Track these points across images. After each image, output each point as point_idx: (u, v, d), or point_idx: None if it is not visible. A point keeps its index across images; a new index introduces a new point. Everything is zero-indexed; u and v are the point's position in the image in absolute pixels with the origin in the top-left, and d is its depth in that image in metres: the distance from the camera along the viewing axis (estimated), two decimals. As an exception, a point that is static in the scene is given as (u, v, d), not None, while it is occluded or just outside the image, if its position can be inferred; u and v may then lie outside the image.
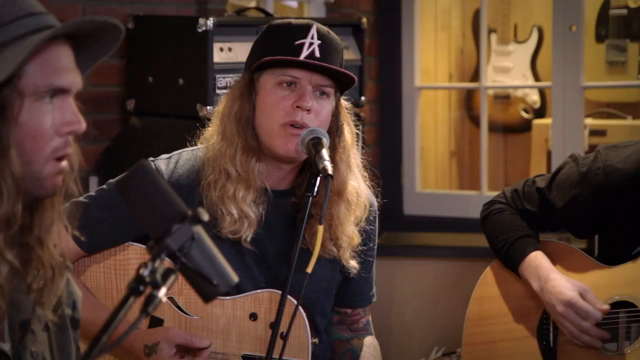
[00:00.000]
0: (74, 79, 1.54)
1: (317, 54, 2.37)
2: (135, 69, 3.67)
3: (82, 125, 1.54)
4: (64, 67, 1.52)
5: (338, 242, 2.43)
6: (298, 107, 2.34)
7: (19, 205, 1.49)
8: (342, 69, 2.38)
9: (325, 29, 2.42)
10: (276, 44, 2.39)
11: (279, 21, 2.46)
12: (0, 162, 1.46)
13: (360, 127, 2.57)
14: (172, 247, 1.41)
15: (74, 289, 1.73)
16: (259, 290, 2.41)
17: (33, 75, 1.49)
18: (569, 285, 2.69)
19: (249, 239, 2.39)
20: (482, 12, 4.87)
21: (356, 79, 2.41)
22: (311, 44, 2.37)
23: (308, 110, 2.34)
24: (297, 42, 2.37)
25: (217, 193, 2.36)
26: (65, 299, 1.69)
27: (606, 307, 2.68)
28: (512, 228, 2.82)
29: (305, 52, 2.36)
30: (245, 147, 2.37)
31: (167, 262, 1.42)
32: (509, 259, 2.80)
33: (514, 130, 5.99)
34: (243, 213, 2.36)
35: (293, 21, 2.43)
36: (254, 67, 2.39)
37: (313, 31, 2.39)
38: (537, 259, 2.75)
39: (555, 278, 2.71)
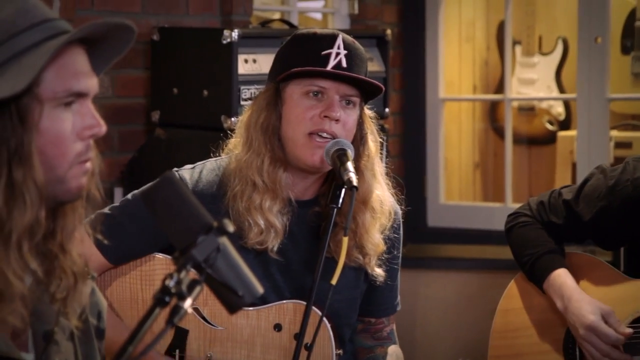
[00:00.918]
0: (91, 83, 1.54)
1: (344, 64, 2.37)
2: (160, 81, 3.69)
3: (103, 128, 1.55)
4: (81, 72, 1.53)
5: (364, 250, 2.43)
6: (326, 116, 2.35)
7: (42, 213, 1.49)
8: (369, 79, 2.38)
9: (350, 38, 2.42)
10: (302, 54, 2.39)
11: (304, 31, 2.46)
12: (22, 170, 1.46)
13: (384, 138, 2.57)
14: (198, 258, 1.41)
15: (99, 298, 1.73)
16: (283, 301, 2.41)
17: (51, 81, 1.49)
18: (592, 308, 2.67)
19: (275, 249, 2.39)
20: (506, 24, 4.86)
21: (383, 88, 2.41)
22: (337, 54, 2.37)
23: (337, 120, 2.35)
24: (323, 52, 2.37)
25: (244, 204, 2.36)
26: (90, 309, 1.69)
27: (629, 331, 2.66)
28: (537, 243, 2.80)
29: (332, 62, 2.36)
30: (272, 158, 2.37)
31: (193, 273, 1.42)
32: (534, 275, 2.78)
33: (538, 142, 5.96)
34: (269, 223, 2.36)
35: (318, 31, 2.44)
36: (280, 78, 2.40)
37: (339, 41, 2.39)
38: (562, 277, 2.74)
39: (579, 299, 2.69)
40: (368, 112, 2.48)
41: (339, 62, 2.37)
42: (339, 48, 2.38)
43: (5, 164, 1.46)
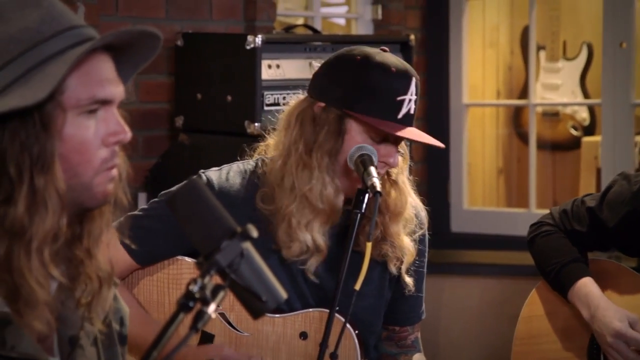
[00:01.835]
0: (116, 90, 1.54)
1: (412, 111, 2.33)
2: (184, 86, 3.70)
3: (128, 134, 1.55)
4: (106, 79, 1.53)
5: (394, 246, 2.41)
6: (384, 162, 2.32)
7: (63, 220, 1.50)
8: (434, 142, 2.36)
9: (417, 76, 2.36)
10: (376, 94, 2.30)
11: (379, 59, 2.33)
12: (44, 177, 1.47)
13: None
14: (222, 264, 1.41)
15: (122, 305, 1.73)
16: (309, 310, 2.40)
17: (75, 88, 1.49)
18: (619, 315, 2.66)
19: (313, 269, 2.38)
20: (531, 29, 4.84)
21: (443, 146, 2.40)
22: (410, 100, 2.33)
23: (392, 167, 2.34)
24: (399, 98, 2.31)
25: (296, 220, 2.32)
26: (113, 315, 1.70)
27: None
28: (561, 252, 2.79)
29: (403, 110, 2.31)
30: (334, 183, 2.33)
31: (216, 279, 1.42)
32: (558, 284, 2.77)
33: (562, 147, 5.94)
34: (315, 244, 2.35)
35: (394, 66, 2.33)
36: (352, 114, 2.31)
37: (413, 86, 2.33)
38: (587, 286, 2.72)
39: (605, 307, 2.68)
40: None
41: (409, 110, 2.32)
42: (412, 94, 2.33)
43: (28, 171, 1.46)
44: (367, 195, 2.26)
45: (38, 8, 1.51)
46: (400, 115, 2.31)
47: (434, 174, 4.90)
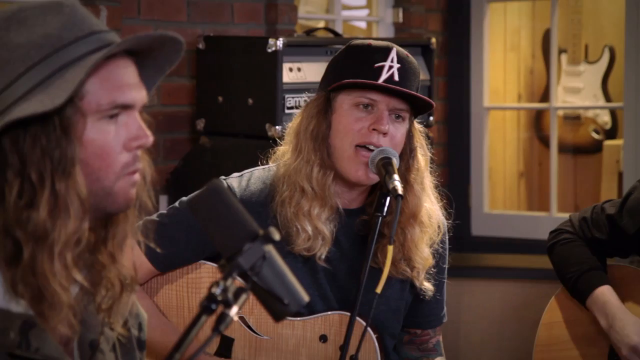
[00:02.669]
0: (137, 95, 1.54)
1: (396, 78, 2.36)
2: (205, 89, 3.71)
3: (149, 138, 1.54)
4: (126, 83, 1.53)
5: (412, 264, 2.42)
6: (374, 129, 2.34)
7: (85, 224, 1.50)
8: (420, 95, 2.37)
9: (404, 52, 2.41)
10: (355, 65, 2.38)
11: (359, 42, 2.45)
12: (65, 182, 1.47)
13: (430, 146, 2.56)
14: (244, 266, 1.41)
15: (140, 310, 1.74)
16: (329, 312, 2.40)
17: (95, 93, 1.49)
18: (636, 328, 2.65)
19: (323, 256, 2.38)
20: (552, 32, 4.83)
21: (434, 104, 2.40)
22: (390, 67, 2.36)
23: (384, 133, 2.34)
24: (376, 65, 2.36)
25: (292, 209, 2.37)
26: (132, 320, 1.70)
27: None
28: (579, 260, 2.78)
29: (384, 76, 2.36)
30: (322, 165, 2.37)
31: (238, 281, 1.43)
32: (577, 292, 2.76)
33: (584, 151, 5.91)
34: (318, 230, 2.36)
35: (373, 43, 2.42)
36: (332, 87, 2.40)
37: (393, 54, 2.38)
38: (605, 295, 2.71)
39: (623, 318, 2.67)
40: (418, 126, 2.46)
41: (391, 75, 2.36)
42: (392, 61, 2.37)
43: (49, 176, 1.46)
44: (388, 199, 2.26)
45: (60, 14, 1.51)
46: (381, 80, 2.35)
47: (455, 177, 4.89)
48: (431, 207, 2.45)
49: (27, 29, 1.49)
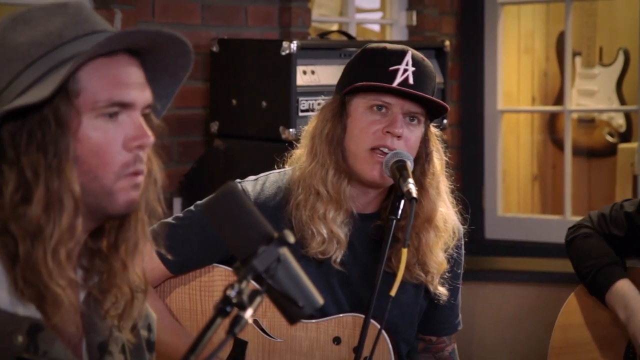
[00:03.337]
0: (137, 94, 1.53)
1: (411, 81, 2.35)
2: (219, 92, 3.71)
3: (149, 139, 1.53)
4: (126, 82, 1.51)
5: (426, 268, 2.41)
6: (388, 132, 2.34)
7: (79, 221, 1.49)
8: (434, 98, 2.37)
9: (420, 55, 2.41)
10: (370, 69, 2.38)
11: (374, 45, 2.45)
12: (59, 178, 1.47)
13: (445, 149, 2.55)
14: (259, 269, 1.41)
15: (149, 311, 1.73)
16: (342, 315, 2.40)
17: (92, 90, 1.49)
18: None
19: (338, 259, 2.38)
20: (566, 35, 4.81)
21: (448, 108, 2.40)
22: (405, 70, 2.36)
23: (398, 136, 2.34)
24: (391, 68, 2.36)
25: (307, 213, 2.36)
26: (142, 321, 1.70)
27: None
28: (599, 254, 2.78)
29: (399, 79, 2.35)
30: (337, 169, 2.37)
31: (253, 284, 1.43)
32: (596, 286, 2.76)
33: (598, 154, 5.90)
34: (333, 234, 2.36)
35: (388, 46, 2.42)
36: (346, 90, 2.40)
37: (408, 57, 2.38)
38: (624, 288, 2.71)
39: None
40: (434, 130, 2.46)
41: (406, 78, 2.35)
42: (407, 64, 2.37)
43: (43, 171, 1.47)
44: (402, 202, 2.26)
45: (63, 14, 1.52)
46: (395, 83, 2.34)
47: (469, 180, 4.89)
48: (446, 212, 2.45)
49: (31, 29, 1.50)
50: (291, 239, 1.43)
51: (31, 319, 1.48)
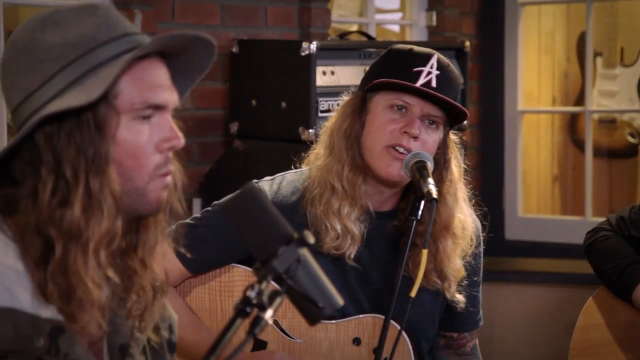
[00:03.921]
0: (169, 96, 1.55)
1: (434, 84, 2.34)
2: (239, 92, 3.71)
3: (181, 141, 1.55)
4: (159, 84, 1.54)
5: (443, 276, 2.40)
6: (405, 132, 2.33)
7: (119, 222, 1.51)
8: (454, 102, 2.35)
9: (446, 60, 2.40)
10: (394, 68, 2.38)
11: (401, 46, 2.45)
12: (99, 179, 1.48)
13: (462, 151, 2.54)
14: (279, 270, 1.41)
15: (170, 312, 1.74)
16: (362, 315, 2.40)
17: (129, 93, 1.51)
18: None
19: (352, 255, 2.38)
20: (587, 35, 4.79)
21: (468, 114, 2.38)
22: (429, 72, 2.35)
23: (415, 137, 2.33)
24: (415, 69, 2.35)
25: (322, 207, 2.36)
26: (163, 322, 1.71)
27: None
28: (621, 255, 2.77)
29: (422, 80, 2.34)
30: (353, 165, 2.37)
31: (272, 285, 1.42)
32: (621, 286, 2.75)
33: (619, 154, 5.86)
34: (347, 229, 2.36)
35: (415, 48, 2.41)
36: (368, 87, 2.39)
37: (433, 61, 2.37)
38: None
39: None
40: (453, 137, 2.45)
41: (429, 81, 2.34)
42: (431, 67, 2.36)
43: (83, 173, 1.48)
44: (422, 202, 2.25)
45: (95, 16, 1.53)
46: (418, 84, 2.33)
47: (489, 181, 4.87)
48: (465, 219, 2.43)
49: (62, 30, 1.52)
50: (311, 239, 1.43)
51: (53, 321, 1.49)
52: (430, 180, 2.26)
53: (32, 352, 1.46)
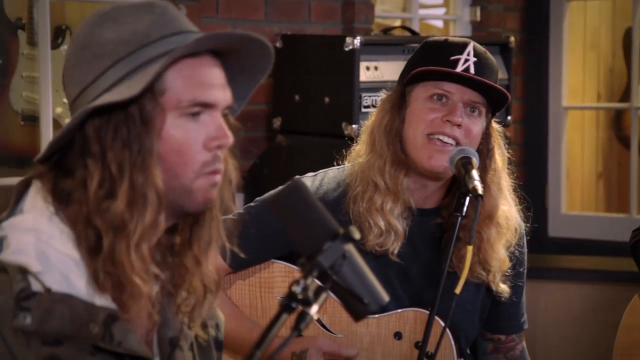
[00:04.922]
0: (219, 94, 1.55)
1: (472, 71, 2.34)
2: (282, 88, 3.72)
3: (229, 139, 1.56)
4: (209, 82, 1.54)
5: (487, 266, 2.39)
6: (448, 121, 2.32)
7: (162, 217, 1.52)
8: (495, 85, 2.34)
9: (482, 48, 2.39)
10: (431, 58, 2.37)
11: (436, 38, 2.45)
12: (143, 174, 1.49)
13: (506, 146, 2.52)
14: (324, 265, 1.41)
15: (217, 312, 1.75)
16: (403, 309, 2.39)
17: (176, 89, 1.51)
18: None
19: (396, 251, 2.37)
20: (634, 31, 4.74)
21: (510, 97, 2.37)
22: (467, 60, 2.34)
23: (458, 125, 2.32)
24: (452, 58, 2.35)
25: (365, 205, 2.36)
26: (211, 320, 1.72)
27: None
28: (667, 253, 2.74)
29: (460, 67, 2.34)
30: (394, 160, 2.36)
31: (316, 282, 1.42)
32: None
33: (665, 151, 5.80)
34: (390, 225, 2.35)
35: (450, 38, 2.42)
36: (407, 80, 2.38)
37: (469, 48, 2.36)
38: None
39: None
40: (496, 125, 2.44)
41: (467, 68, 2.34)
42: (468, 55, 2.35)
43: (128, 167, 1.49)
44: (467, 199, 2.24)
45: (151, 13, 1.55)
46: (456, 70, 2.33)
47: (532, 178, 4.84)
48: (509, 209, 2.42)
49: (118, 26, 1.54)
50: (357, 235, 1.43)
51: (107, 309, 1.51)
52: (476, 176, 2.25)
53: (87, 338, 1.48)
